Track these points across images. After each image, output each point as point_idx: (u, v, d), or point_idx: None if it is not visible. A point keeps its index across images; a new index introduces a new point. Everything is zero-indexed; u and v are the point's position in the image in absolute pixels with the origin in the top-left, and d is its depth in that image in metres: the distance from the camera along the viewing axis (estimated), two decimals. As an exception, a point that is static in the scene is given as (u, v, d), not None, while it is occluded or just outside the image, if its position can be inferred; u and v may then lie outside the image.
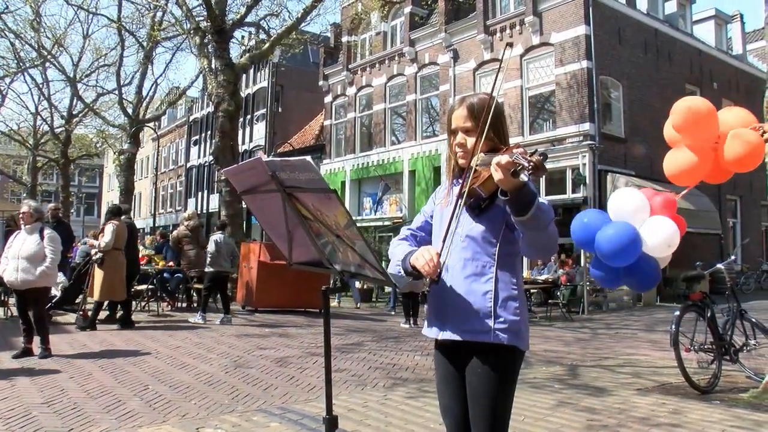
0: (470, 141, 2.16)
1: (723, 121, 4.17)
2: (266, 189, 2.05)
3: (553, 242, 2.03)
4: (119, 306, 9.52)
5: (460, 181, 2.15)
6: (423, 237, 2.36)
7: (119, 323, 9.37)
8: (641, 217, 4.08)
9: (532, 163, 1.76)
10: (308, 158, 1.88)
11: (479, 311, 2.09)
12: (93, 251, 10.80)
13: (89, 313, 9.15)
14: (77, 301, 9.86)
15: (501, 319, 2.08)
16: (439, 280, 2.10)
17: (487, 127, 2.09)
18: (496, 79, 2.18)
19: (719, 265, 6.60)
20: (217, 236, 10.62)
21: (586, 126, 16.51)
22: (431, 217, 2.36)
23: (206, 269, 10.52)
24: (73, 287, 9.95)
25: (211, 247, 10.48)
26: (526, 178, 1.80)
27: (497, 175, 1.85)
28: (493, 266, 2.11)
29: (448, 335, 2.15)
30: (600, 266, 4.17)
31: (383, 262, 2.25)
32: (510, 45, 2.13)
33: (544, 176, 1.89)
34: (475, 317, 2.09)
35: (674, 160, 4.30)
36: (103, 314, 10.16)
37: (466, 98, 2.23)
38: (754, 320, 6.14)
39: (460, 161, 2.21)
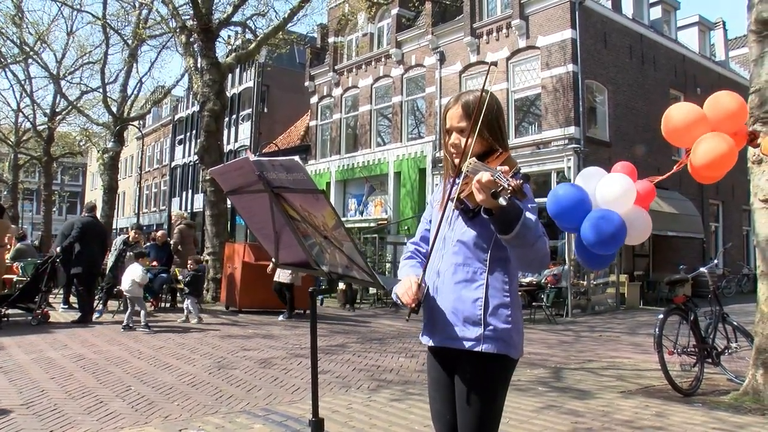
0: (465, 141, 2.09)
1: (711, 110, 4.15)
2: (253, 189, 2.03)
3: (540, 257, 1.96)
4: None
5: (457, 182, 2.08)
6: (428, 251, 2.27)
7: None
8: (627, 203, 4.02)
9: (510, 186, 1.70)
10: (296, 158, 1.86)
11: (468, 319, 2.04)
12: (54, 250, 10.70)
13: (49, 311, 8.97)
14: (36, 299, 9.62)
15: (490, 327, 2.02)
16: (419, 309, 2.05)
17: (477, 128, 2.04)
18: (485, 81, 2.09)
19: (702, 269, 6.66)
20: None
21: (572, 129, 16.59)
22: (429, 222, 2.29)
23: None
24: (31, 285, 9.71)
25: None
26: (504, 202, 1.73)
27: (478, 196, 1.80)
28: (484, 272, 2.06)
29: (438, 341, 2.12)
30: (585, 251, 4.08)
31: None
32: (494, 64, 2.08)
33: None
34: (464, 325, 2.04)
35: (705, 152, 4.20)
36: (75, 315, 10.08)
37: (462, 96, 2.16)
38: (735, 323, 6.22)
39: (456, 162, 2.13)
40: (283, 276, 11.25)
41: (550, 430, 4.36)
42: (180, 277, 11.44)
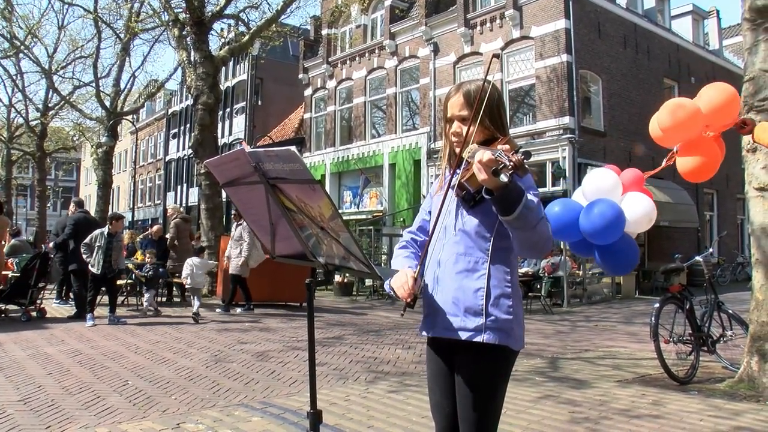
0: (466, 130, 2.06)
1: (705, 101, 4.20)
2: (249, 180, 2.01)
3: (543, 241, 1.93)
4: None
5: (458, 171, 2.05)
6: (424, 241, 2.25)
7: None
8: (616, 194, 4.08)
9: (512, 163, 1.69)
10: (293, 148, 1.85)
11: (469, 309, 2.01)
12: (50, 245, 10.68)
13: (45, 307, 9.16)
14: (26, 296, 9.57)
15: (492, 318, 2.00)
16: (414, 304, 2.02)
17: (480, 116, 2.02)
18: (487, 71, 2.07)
19: (697, 258, 6.68)
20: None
21: (566, 119, 16.60)
22: (429, 213, 2.27)
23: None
24: (21, 281, 9.62)
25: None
26: (506, 179, 1.72)
27: (480, 174, 1.78)
28: (486, 262, 2.03)
29: (438, 332, 2.09)
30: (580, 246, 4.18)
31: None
32: (497, 56, 2.05)
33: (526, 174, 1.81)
34: (465, 315, 2.02)
35: (690, 160, 4.25)
36: (71, 310, 10.08)
37: (463, 85, 2.14)
38: (730, 312, 6.24)
39: (457, 150, 2.11)
40: (232, 266, 10.96)
41: (547, 419, 4.38)
42: (136, 271, 11.42)
